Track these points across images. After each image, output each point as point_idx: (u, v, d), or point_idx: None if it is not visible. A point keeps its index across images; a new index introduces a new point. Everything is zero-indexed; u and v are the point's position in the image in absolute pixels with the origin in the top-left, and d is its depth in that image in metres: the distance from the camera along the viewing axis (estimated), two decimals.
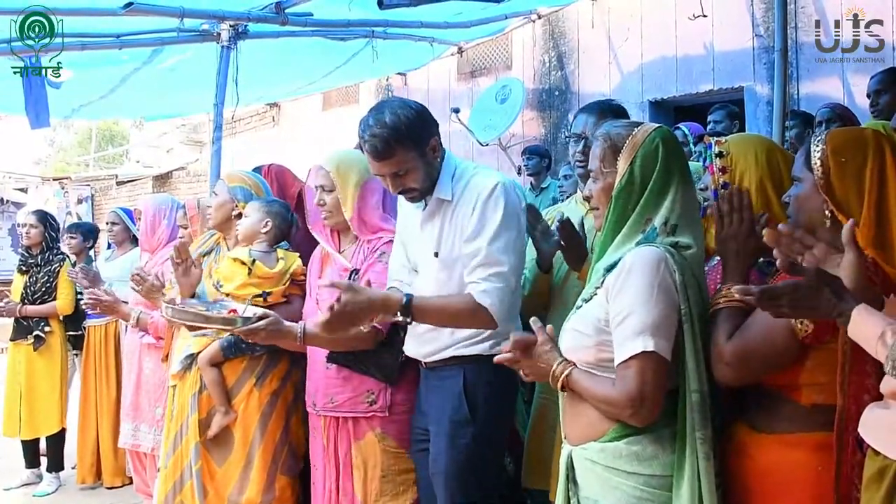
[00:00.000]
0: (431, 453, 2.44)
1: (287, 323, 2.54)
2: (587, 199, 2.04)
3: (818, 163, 1.76)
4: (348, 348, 2.62)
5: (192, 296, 3.10)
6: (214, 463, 3.04)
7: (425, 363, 2.48)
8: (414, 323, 2.33)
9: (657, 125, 1.93)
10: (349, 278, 2.69)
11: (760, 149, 2.11)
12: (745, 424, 1.84)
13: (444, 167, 2.39)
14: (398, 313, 2.24)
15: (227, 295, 2.99)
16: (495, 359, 1.97)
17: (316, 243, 3.40)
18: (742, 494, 1.82)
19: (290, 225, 3.18)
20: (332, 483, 2.71)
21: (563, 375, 1.85)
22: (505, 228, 2.28)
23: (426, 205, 2.43)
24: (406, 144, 2.27)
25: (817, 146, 1.78)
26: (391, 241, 2.68)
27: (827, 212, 1.75)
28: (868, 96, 4.13)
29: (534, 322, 1.96)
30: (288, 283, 3.07)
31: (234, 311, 2.61)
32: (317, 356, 2.77)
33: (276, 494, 3.00)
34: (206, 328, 2.75)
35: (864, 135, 1.81)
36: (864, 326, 1.44)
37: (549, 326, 1.96)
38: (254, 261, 3.01)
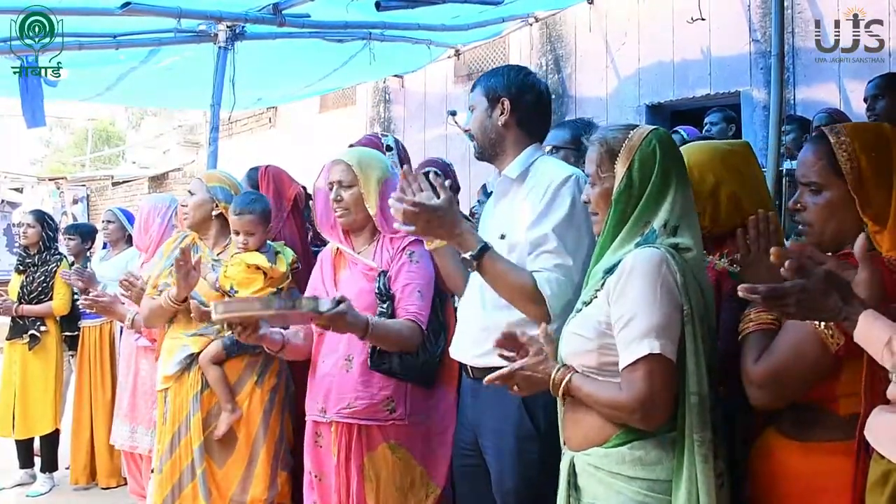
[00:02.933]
0: (495, 472, 2.33)
1: (358, 316, 2.42)
2: (585, 203, 2.02)
3: (847, 165, 1.68)
4: (399, 350, 2.55)
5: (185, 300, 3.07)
6: (215, 464, 3.02)
7: (475, 368, 2.34)
8: (466, 314, 2.34)
9: (653, 127, 1.92)
10: (379, 281, 2.61)
11: (719, 169, 2.07)
12: (778, 432, 1.81)
13: (524, 151, 2.38)
14: (468, 254, 2.17)
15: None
16: (485, 380, 1.92)
17: (306, 242, 3.38)
18: (772, 500, 1.80)
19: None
20: (345, 494, 2.61)
21: (563, 383, 1.83)
22: (574, 221, 2.20)
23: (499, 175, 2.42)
24: (483, 87, 2.44)
25: (841, 144, 1.69)
26: (418, 240, 2.59)
27: (868, 221, 1.66)
28: (865, 101, 4.13)
29: (521, 335, 1.94)
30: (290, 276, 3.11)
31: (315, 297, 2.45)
32: (325, 358, 2.68)
33: (278, 490, 3.01)
34: (264, 315, 2.43)
35: (884, 129, 1.75)
36: (871, 332, 1.41)
37: (537, 332, 1.94)
38: (271, 266, 3.03)
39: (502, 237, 2.31)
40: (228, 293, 3.01)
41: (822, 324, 1.62)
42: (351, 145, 3.33)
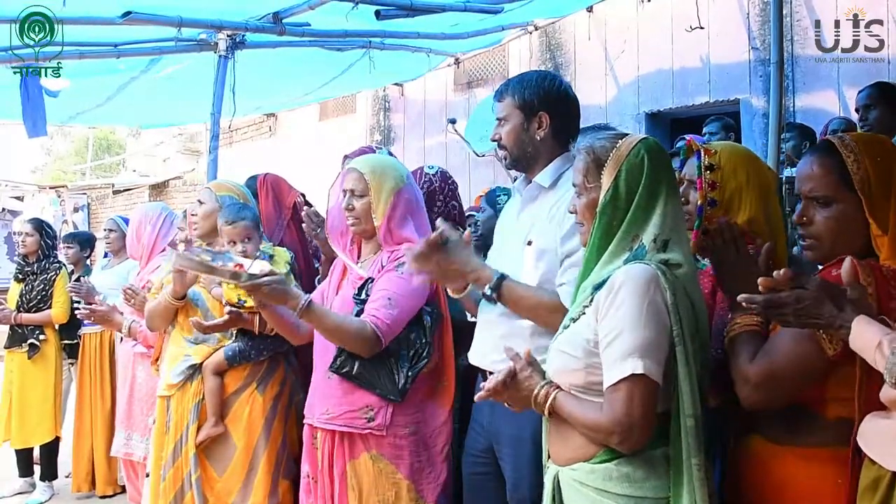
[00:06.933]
0: (510, 479, 2.32)
1: (294, 289, 2.47)
2: (572, 213, 1.98)
3: (858, 175, 1.67)
4: (341, 343, 2.50)
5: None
6: (214, 472, 3.03)
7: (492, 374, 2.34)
8: (485, 320, 2.33)
9: (642, 136, 1.86)
10: (361, 288, 2.60)
11: (752, 167, 2.03)
12: (762, 437, 1.80)
13: (557, 159, 2.38)
14: (487, 288, 2.22)
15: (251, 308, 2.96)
16: (477, 397, 1.91)
17: (307, 250, 3.36)
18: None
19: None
20: (328, 499, 2.60)
21: (547, 402, 1.79)
22: None
23: (527, 183, 2.42)
24: (515, 98, 2.39)
25: (851, 153, 1.69)
26: None
27: (873, 223, 1.66)
28: (857, 111, 4.13)
29: (508, 350, 1.91)
30: None
31: (241, 265, 2.49)
32: (322, 365, 2.67)
33: (279, 499, 3.00)
34: (211, 275, 2.66)
35: (885, 139, 1.77)
36: (864, 336, 1.43)
37: (526, 350, 1.91)
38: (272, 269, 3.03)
39: (529, 243, 2.30)
40: (237, 305, 2.94)
41: None
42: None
